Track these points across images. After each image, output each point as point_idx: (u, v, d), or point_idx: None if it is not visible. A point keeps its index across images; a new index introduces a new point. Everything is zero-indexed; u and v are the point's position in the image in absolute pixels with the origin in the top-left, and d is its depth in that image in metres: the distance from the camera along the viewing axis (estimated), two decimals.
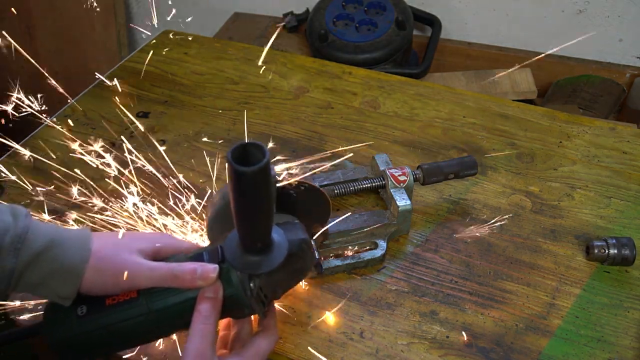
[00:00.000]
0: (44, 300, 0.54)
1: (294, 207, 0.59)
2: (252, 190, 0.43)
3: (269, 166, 0.42)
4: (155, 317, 0.51)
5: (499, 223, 0.77)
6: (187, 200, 0.78)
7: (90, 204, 0.80)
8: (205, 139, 0.91)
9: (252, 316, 0.56)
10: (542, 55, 1.34)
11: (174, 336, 0.63)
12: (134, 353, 0.62)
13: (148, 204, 0.76)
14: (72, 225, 0.77)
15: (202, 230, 0.75)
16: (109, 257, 0.51)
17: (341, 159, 0.86)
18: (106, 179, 0.83)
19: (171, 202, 0.78)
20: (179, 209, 0.77)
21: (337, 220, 0.72)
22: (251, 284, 0.51)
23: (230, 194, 0.44)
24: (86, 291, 0.50)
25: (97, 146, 0.86)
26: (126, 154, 0.81)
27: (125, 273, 0.50)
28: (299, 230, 0.54)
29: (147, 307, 0.50)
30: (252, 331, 0.55)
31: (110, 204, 0.79)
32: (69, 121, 0.95)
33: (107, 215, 0.78)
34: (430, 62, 1.28)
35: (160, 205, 0.77)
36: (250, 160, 0.41)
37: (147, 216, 0.75)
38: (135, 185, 0.78)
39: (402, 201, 0.73)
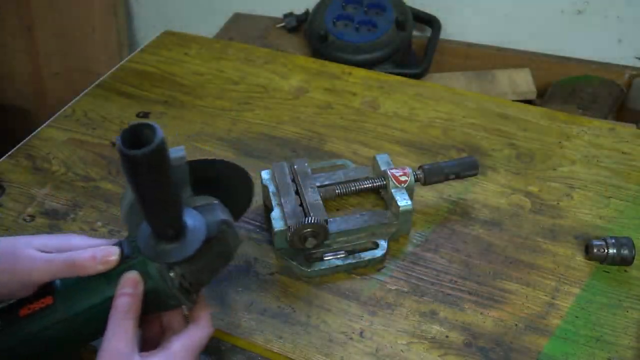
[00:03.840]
0: None
1: (214, 188, 0.55)
2: (148, 174, 0.41)
3: (164, 147, 0.40)
4: (76, 322, 0.49)
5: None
6: None
7: (90, 204, 0.80)
8: (205, 139, 0.91)
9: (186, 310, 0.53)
10: (542, 55, 1.35)
11: None
12: None
13: None
14: (70, 227, 0.77)
15: None
16: (3, 254, 0.49)
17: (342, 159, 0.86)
18: (106, 179, 0.83)
19: None
20: None
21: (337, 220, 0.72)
22: (171, 274, 0.48)
23: (127, 181, 0.42)
24: None
25: (97, 146, 0.86)
26: None
27: (21, 267, 0.48)
28: (217, 211, 0.51)
29: (65, 313, 0.49)
30: (183, 325, 0.53)
31: (110, 204, 0.79)
32: (69, 121, 0.95)
33: (105, 216, 0.78)
34: (429, 62, 1.28)
35: None
36: (143, 143, 0.39)
37: None
38: None
39: (403, 201, 0.73)
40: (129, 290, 0.48)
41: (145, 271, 0.49)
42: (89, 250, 0.49)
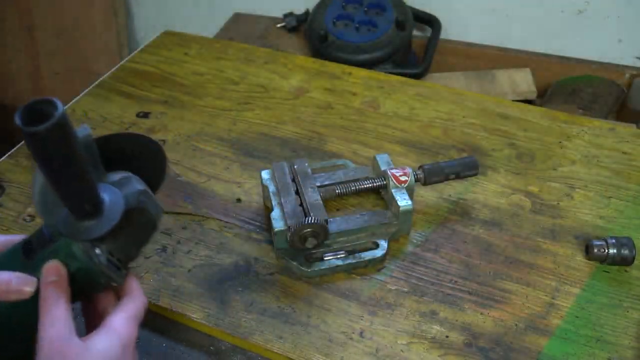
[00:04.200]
0: None
1: (125, 162, 0.54)
2: (54, 150, 0.40)
3: (66, 120, 0.40)
4: (8, 320, 0.48)
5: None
6: (187, 201, 0.78)
7: None
8: (205, 139, 0.91)
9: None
10: (542, 55, 1.35)
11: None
12: None
13: None
14: None
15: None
16: None
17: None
18: None
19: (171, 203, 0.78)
20: (180, 209, 0.78)
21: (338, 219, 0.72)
22: (97, 251, 0.48)
23: (34, 160, 0.41)
24: None
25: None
26: None
27: None
28: (134, 182, 0.50)
29: None
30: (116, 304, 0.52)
31: None
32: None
33: None
34: (430, 62, 1.28)
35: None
36: (45, 119, 0.39)
37: None
38: None
39: (403, 201, 0.73)
40: (52, 278, 0.47)
41: (70, 253, 0.47)
42: (6, 274, 0.47)
